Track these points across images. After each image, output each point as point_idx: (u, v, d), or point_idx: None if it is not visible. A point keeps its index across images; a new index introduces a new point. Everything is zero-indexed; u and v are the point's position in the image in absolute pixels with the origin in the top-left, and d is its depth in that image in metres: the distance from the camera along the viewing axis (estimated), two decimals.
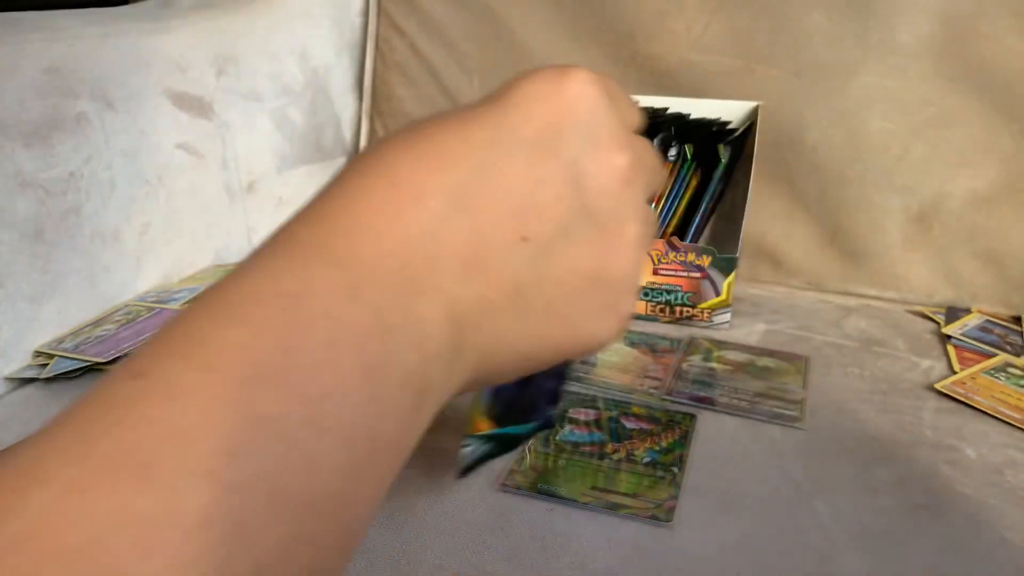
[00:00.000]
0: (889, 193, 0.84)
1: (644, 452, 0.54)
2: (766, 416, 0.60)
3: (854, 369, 0.69)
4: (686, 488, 0.51)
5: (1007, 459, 0.55)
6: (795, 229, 0.88)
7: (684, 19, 0.89)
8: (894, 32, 0.82)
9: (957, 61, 0.80)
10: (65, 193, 0.69)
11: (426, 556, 0.44)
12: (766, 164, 0.87)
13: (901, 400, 0.63)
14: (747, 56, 0.87)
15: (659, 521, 0.47)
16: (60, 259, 0.69)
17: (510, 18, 0.97)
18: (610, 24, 0.93)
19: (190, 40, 0.84)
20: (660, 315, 0.78)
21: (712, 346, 0.73)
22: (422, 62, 1.03)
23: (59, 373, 0.63)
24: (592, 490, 0.50)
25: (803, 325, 0.78)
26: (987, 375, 0.67)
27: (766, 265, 0.89)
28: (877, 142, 0.84)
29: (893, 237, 0.85)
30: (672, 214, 0.78)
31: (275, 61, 0.95)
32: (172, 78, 0.81)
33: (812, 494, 0.51)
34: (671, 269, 0.76)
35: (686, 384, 0.65)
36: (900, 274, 0.85)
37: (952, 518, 0.49)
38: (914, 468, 0.54)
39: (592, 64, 0.95)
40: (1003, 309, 0.81)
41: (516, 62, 0.98)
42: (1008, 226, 0.81)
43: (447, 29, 1.01)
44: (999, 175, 0.81)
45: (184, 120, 0.82)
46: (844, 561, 0.45)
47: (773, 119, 0.86)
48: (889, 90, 0.83)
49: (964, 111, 0.81)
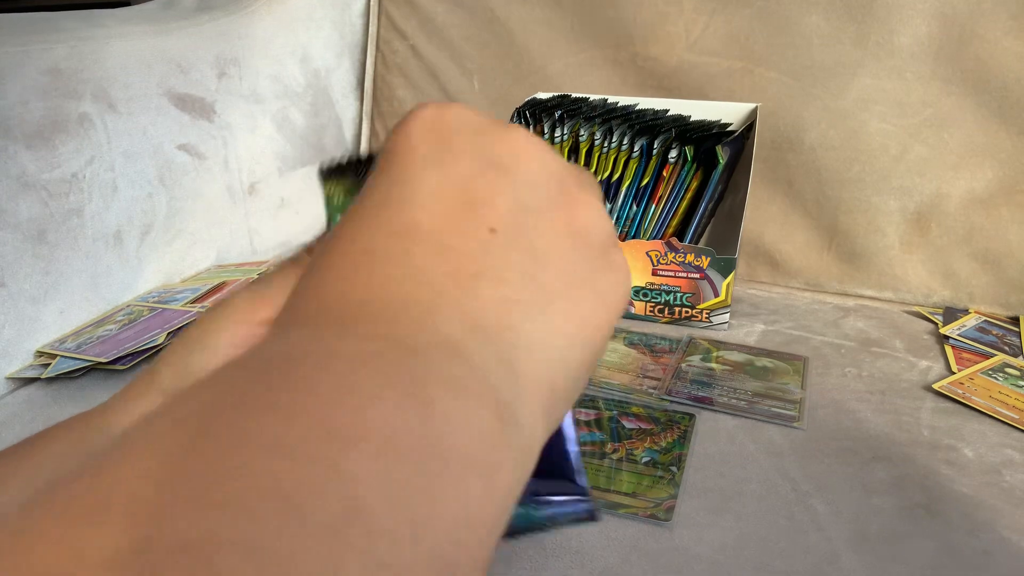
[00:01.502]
0: (887, 194, 0.84)
1: (643, 452, 0.55)
2: (765, 416, 0.60)
3: (852, 369, 0.69)
4: (685, 488, 0.51)
5: (1005, 459, 0.56)
6: (793, 230, 0.88)
7: (683, 21, 0.90)
8: (892, 34, 0.82)
9: (955, 63, 0.80)
10: (67, 194, 0.69)
11: None
12: (765, 165, 0.87)
13: (899, 400, 0.64)
14: (746, 58, 0.88)
15: (658, 520, 0.47)
16: (62, 260, 0.69)
17: (510, 20, 0.97)
18: (610, 26, 0.93)
19: (192, 42, 0.84)
20: (659, 315, 0.79)
21: (711, 346, 0.73)
22: (423, 64, 1.03)
23: (61, 373, 0.63)
24: (592, 490, 0.50)
25: (801, 325, 0.79)
26: (985, 375, 0.67)
27: (765, 266, 0.90)
28: (875, 143, 0.84)
29: (891, 238, 0.85)
30: (672, 215, 0.79)
31: (276, 63, 0.95)
32: (174, 80, 0.81)
33: (810, 493, 0.51)
34: (670, 270, 0.77)
35: (685, 384, 0.65)
36: (898, 275, 0.85)
37: (950, 517, 0.49)
38: (912, 468, 0.54)
39: (592, 65, 0.96)
40: (1001, 310, 0.82)
41: (516, 63, 0.98)
42: (1006, 227, 0.81)
43: (448, 31, 1.01)
44: (997, 176, 0.81)
45: (186, 121, 0.82)
46: (842, 560, 0.45)
47: (772, 120, 0.86)
48: (887, 92, 0.83)
49: (962, 112, 0.81)
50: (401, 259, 0.19)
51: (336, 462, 0.12)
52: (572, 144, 0.80)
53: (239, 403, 0.13)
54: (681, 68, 0.91)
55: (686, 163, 0.75)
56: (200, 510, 0.11)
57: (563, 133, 0.80)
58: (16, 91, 0.66)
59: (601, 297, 0.21)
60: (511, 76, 0.99)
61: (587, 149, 0.79)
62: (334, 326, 0.17)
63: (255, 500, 0.11)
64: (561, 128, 0.80)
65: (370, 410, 0.14)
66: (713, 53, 0.89)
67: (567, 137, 0.80)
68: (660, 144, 0.76)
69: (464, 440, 0.15)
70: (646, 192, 0.78)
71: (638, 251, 0.78)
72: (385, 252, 0.19)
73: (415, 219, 0.19)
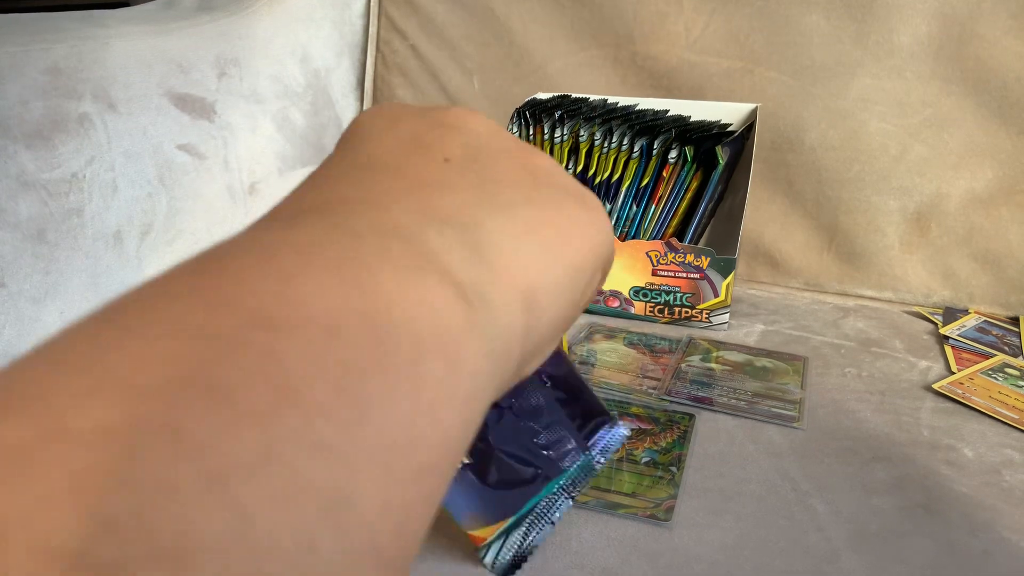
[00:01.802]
0: (887, 194, 0.84)
1: (643, 452, 0.55)
2: (764, 416, 0.60)
3: (852, 369, 0.69)
4: (685, 488, 0.51)
5: (1005, 459, 0.56)
6: (793, 230, 0.88)
7: (683, 20, 0.90)
8: (892, 33, 0.82)
9: (955, 62, 0.80)
10: (67, 194, 0.69)
11: (425, 556, 0.44)
12: (765, 165, 0.87)
13: (899, 400, 0.64)
14: (746, 57, 0.88)
15: (658, 521, 0.47)
16: (62, 260, 0.69)
17: (510, 19, 0.97)
18: (610, 25, 0.93)
19: (192, 42, 0.84)
20: (659, 315, 0.79)
21: (711, 346, 0.73)
22: (423, 63, 1.03)
23: None
24: (591, 490, 0.50)
25: (801, 326, 0.79)
26: (985, 375, 0.67)
27: (764, 266, 0.90)
28: (875, 143, 0.84)
29: (891, 238, 0.85)
30: (671, 215, 0.79)
31: (276, 63, 0.95)
32: (174, 79, 0.81)
33: (810, 494, 0.51)
34: (670, 270, 0.77)
35: (685, 384, 0.65)
36: (898, 275, 0.85)
37: (950, 518, 0.49)
38: (912, 468, 0.54)
39: (592, 64, 0.96)
40: (1000, 310, 0.82)
41: (516, 63, 0.98)
42: (1006, 227, 0.81)
43: (447, 30, 1.01)
44: (997, 176, 0.81)
45: (186, 121, 0.82)
46: (842, 560, 0.45)
47: (772, 120, 0.86)
48: (887, 91, 0.83)
49: (962, 112, 0.81)
50: (357, 176, 0.19)
51: (269, 348, 0.12)
52: (572, 144, 0.80)
53: (165, 293, 0.13)
54: (681, 67, 0.91)
55: (686, 163, 0.75)
56: (120, 395, 0.11)
57: (563, 133, 0.80)
58: (16, 91, 0.66)
59: (573, 221, 0.20)
60: (511, 75, 0.99)
61: (587, 149, 0.79)
62: (281, 221, 0.16)
63: (178, 387, 0.11)
64: (561, 128, 0.80)
65: (309, 296, 0.13)
66: (713, 52, 0.89)
67: (567, 137, 0.80)
68: (660, 144, 0.76)
69: (417, 318, 0.14)
70: (646, 192, 0.78)
71: (638, 251, 0.78)
72: (342, 173, 0.19)
73: (371, 153, 0.20)
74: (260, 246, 0.15)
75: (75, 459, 0.10)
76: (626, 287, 0.79)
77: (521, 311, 0.18)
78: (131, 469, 0.10)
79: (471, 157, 0.20)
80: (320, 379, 0.12)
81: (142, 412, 0.10)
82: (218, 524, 0.10)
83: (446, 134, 0.20)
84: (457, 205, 0.18)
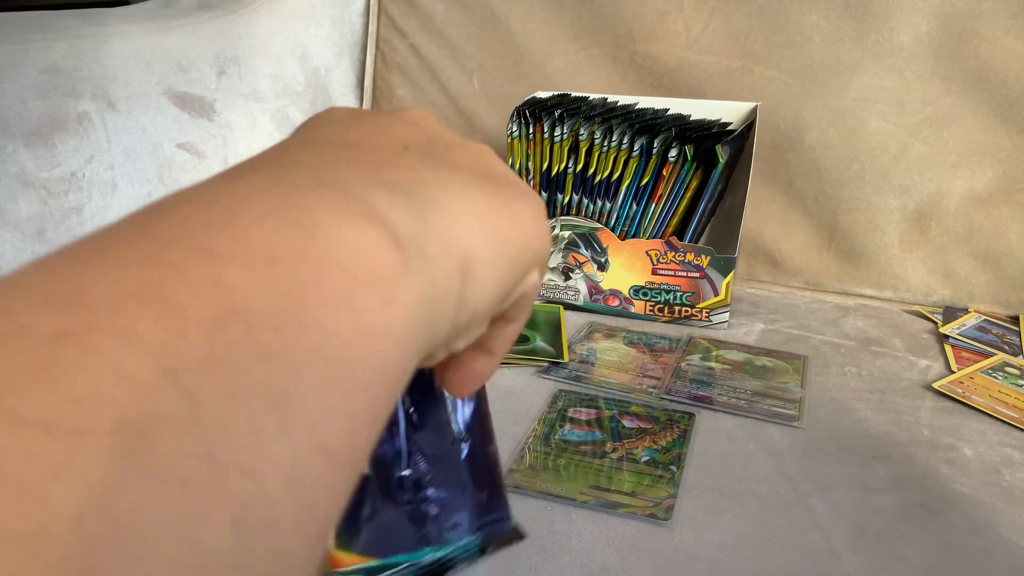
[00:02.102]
0: (887, 193, 0.84)
1: (643, 451, 0.55)
2: (764, 415, 0.60)
3: (852, 368, 0.69)
4: (685, 487, 0.51)
5: (1004, 458, 0.56)
6: (793, 229, 0.88)
7: (683, 19, 0.90)
8: (892, 33, 0.82)
9: (955, 61, 0.80)
10: (67, 193, 0.69)
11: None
12: (765, 164, 0.87)
13: (899, 399, 0.64)
14: (746, 56, 0.88)
15: (658, 520, 0.47)
16: None
17: (510, 18, 0.97)
18: (610, 24, 0.93)
19: (191, 40, 0.84)
20: (659, 314, 0.79)
21: (711, 345, 0.73)
22: (422, 62, 1.03)
23: None
24: (591, 489, 0.50)
25: (801, 325, 0.79)
26: (985, 374, 0.67)
27: (764, 265, 0.90)
28: (875, 142, 0.84)
29: (891, 237, 0.85)
30: (671, 214, 0.78)
31: (276, 61, 0.95)
32: (173, 78, 0.81)
33: (810, 493, 0.51)
34: (670, 269, 0.77)
35: (685, 383, 0.65)
36: (898, 274, 0.85)
37: (950, 517, 0.49)
38: (912, 467, 0.54)
39: (592, 63, 0.96)
40: (1000, 309, 0.82)
41: (516, 62, 0.98)
42: (1005, 226, 0.81)
43: (447, 29, 1.01)
44: (996, 175, 0.81)
45: (185, 120, 0.82)
46: (842, 559, 0.45)
47: (772, 119, 0.86)
48: (887, 90, 0.83)
49: (961, 111, 0.81)
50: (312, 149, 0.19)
51: (214, 274, 0.13)
52: (572, 143, 0.80)
53: (116, 235, 0.14)
54: (681, 66, 0.91)
55: (686, 162, 0.75)
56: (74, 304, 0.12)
57: (563, 132, 0.80)
58: (15, 90, 0.66)
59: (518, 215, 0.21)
60: (511, 74, 0.99)
61: (587, 148, 0.79)
62: (223, 177, 0.17)
63: (130, 298, 0.12)
64: (561, 127, 0.80)
65: (248, 231, 0.14)
66: (713, 52, 0.89)
67: (567, 136, 0.80)
68: (660, 143, 0.76)
69: (354, 255, 0.15)
70: (646, 191, 0.78)
71: (638, 250, 0.78)
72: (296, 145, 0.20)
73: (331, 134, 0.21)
74: (202, 195, 0.16)
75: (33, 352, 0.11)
76: (626, 286, 0.79)
77: (458, 275, 0.18)
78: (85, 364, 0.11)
79: (430, 149, 0.21)
80: (261, 297, 0.13)
81: (95, 318, 0.12)
82: (168, 406, 0.11)
83: (408, 128, 0.22)
84: (408, 177, 0.19)
